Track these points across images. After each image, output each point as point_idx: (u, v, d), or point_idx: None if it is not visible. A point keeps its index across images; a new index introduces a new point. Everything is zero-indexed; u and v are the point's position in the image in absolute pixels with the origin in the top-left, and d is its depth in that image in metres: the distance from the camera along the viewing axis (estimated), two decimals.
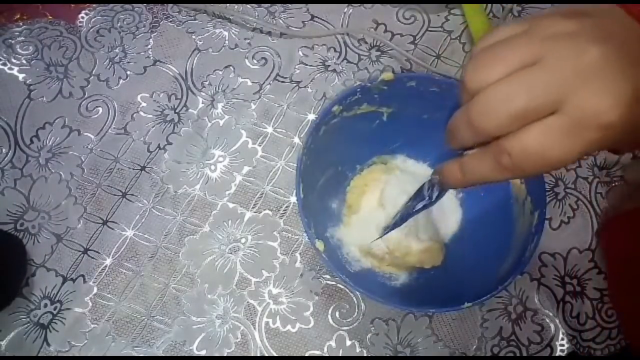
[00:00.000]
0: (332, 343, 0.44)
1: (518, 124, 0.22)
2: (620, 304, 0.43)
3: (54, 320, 0.43)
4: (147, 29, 0.52)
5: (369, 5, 0.54)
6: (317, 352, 0.43)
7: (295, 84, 0.51)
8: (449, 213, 0.46)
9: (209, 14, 0.53)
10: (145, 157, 0.48)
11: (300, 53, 0.52)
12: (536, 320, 0.45)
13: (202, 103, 0.50)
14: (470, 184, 0.27)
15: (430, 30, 0.53)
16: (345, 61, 0.52)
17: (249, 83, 0.51)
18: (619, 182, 0.48)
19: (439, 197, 0.32)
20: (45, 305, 0.44)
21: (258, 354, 0.43)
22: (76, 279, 0.45)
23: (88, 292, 0.44)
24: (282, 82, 0.51)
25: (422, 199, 0.33)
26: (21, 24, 0.52)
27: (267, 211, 0.47)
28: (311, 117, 0.50)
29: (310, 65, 0.52)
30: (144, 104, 0.50)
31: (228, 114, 0.50)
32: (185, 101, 0.50)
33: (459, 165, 0.27)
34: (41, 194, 0.47)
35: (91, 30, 0.52)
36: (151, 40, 0.52)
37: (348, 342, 0.44)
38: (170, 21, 0.53)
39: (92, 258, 0.45)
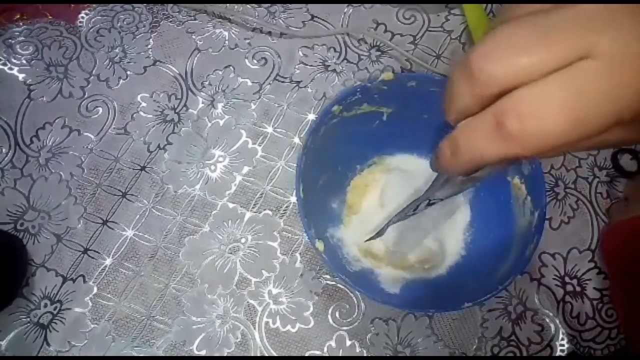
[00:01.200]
0: (332, 343, 0.44)
1: (533, 72, 0.17)
2: (624, 313, 0.43)
3: (54, 320, 0.43)
4: (147, 29, 0.52)
5: (369, 5, 0.54)
6: (317, 352, 0.43)
7: (295, 84, 0.51)
8: (448, 213, 0.46)
9: (209, 14, 0.53)
10: (145, 157, 0.48)
11: (300, 53, 0.52)
12: (536, 320, 0.45)
13: (202, 103, 0.50)
14: (462, 166, 0.21)
15: (430, 30, 0.53)
16: (345, 61, 0.52)
17: (249, 83, 0.51)
18: (619, 200, 0.48)
19: (435, 189, 0.28)
20: (45, 305, 0.44)
21: (258, 354, 0.43)
22: (76, 279, 0.45)
23: (88, 292, 0.44)
24: (282, 82, 0.51)
25: (429, 196, 0.30)
26: (21, 24, 0.52)
27: (267, 211, 0.47)
28: (311, 117, 0.50)
29: (310, 65, 0.52)
30: (144, 104, 0.50)
31: (228, 114, 0.50)
32: (185, 101, 0.50)
33: (449, 140, 0.21)
34: (41, 194, 0.47)
35: (91, 30, 0.52)
36: (151, 40, 0.52)
37: (348, 342, 0.44)
38: (170, 21, 0.53)
39: (92, 258, 0.45)
